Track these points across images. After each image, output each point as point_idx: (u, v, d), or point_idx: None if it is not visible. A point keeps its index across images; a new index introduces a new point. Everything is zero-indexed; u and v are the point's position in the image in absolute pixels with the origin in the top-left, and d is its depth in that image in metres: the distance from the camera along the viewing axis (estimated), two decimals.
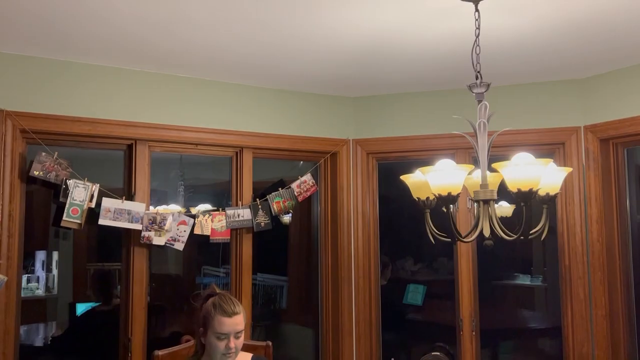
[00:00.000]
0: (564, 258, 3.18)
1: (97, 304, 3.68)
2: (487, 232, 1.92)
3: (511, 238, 1.92)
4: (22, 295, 2.84)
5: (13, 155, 2.64)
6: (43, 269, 4.14)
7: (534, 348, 4.17)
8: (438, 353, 3.40)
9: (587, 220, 3.12)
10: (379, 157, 3.58)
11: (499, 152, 2.47)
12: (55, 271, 4.11)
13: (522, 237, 1.92)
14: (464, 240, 2.00)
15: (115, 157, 3.04)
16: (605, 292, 3.05)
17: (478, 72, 2.06)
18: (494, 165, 1.90)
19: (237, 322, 2.06)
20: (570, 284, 3.15)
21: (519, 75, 3.14)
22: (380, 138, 3.51)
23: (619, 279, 3.08)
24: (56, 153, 2.71)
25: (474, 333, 3.32)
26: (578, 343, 3.11)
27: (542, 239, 1.98)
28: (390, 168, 3.61)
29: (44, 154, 2.68)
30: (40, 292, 4.07)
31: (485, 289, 3.83)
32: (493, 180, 2.02)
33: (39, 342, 3.86)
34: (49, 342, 3.81)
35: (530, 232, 1.94)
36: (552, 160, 1.92)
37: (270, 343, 2.51)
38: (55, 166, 2.69)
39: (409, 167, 2.13)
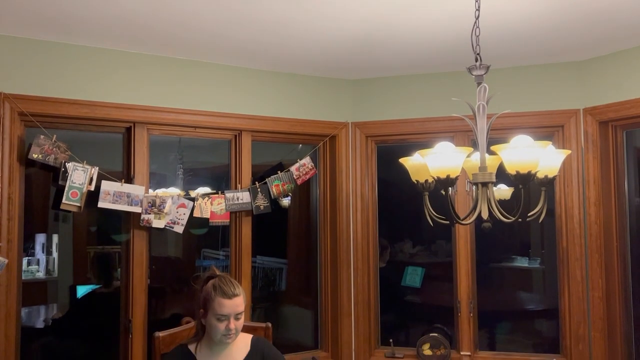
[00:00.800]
0: (562, 240, 3.20)
1: (98, 286, 3.70)
2: (485, 215, 1.93)
3: (509, 220, 1.93)
4: (23, 277, 2.85)
5: (11, 138, 2.64)
6: (43, 252, 4.16)
7: (531, 329, 4.21)
8: (436, 334, 3.44)
9: (585, 203, 3.14)
10: (378, 140, 3.57)
11: (498, 134, 2.47)
12: (55, 254, 4.12)
13: (520, 220, 1.93)
14: (462, 222, 2.01)
15: (114, 140, 3.03)
16: (602, 273, 3.07)
17: (478, 54, 2.05)
18: (492, 147, 1.90)
19: (237, 303, 2.08)
20: (567, 266, 3.17)
21: (518, 58, 3.13)
22: (379, 121, 3.51)
23: (616, 261, 3.10)
24: (55, 136, 2.71)
25: (471, 315, 3.35)
26: (574, 324, 3.14)
27: (539, 221, 1.99)
28: (389, 151, 3.61)
29: (42, 136, 2.67)
30: (41, 274, 4.09)
31: (483, 271, 3.85)
32: (492, 163, 2.02)
33: (40, 324, 3.89)
34: (50, 324, 3.84)
35: (528, 214, 1.95)
36: (550, 142, 1.92)
37: (269, 324, 2.53)
38: (54, 149, 2.69)
39: (408, 150, 2.13)
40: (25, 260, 3.70)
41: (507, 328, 4.21)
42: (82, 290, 3.74)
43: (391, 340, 3.50)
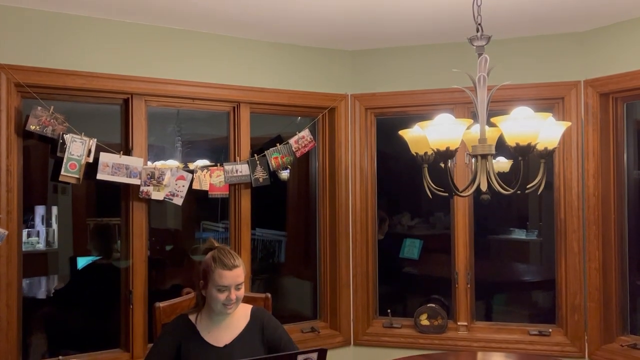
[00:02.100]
0: (560, 212, 3.22)
1: (98, 257, 3.73)
2: (484, 187, 1.94)
3: (508, 192, 1.94)
4: (23, 249, 2.87)
5: (8, 110, 2.62)
6: (43, 224, 4.17)
7: (527, 300, 4.27)
8: (433, 305, 3.48)
9: (584, 175, 3.14)
10: (378, 112, 3.56)
11: (498, 107, 2.46)
12: (55, 226, 4.14)
13: (518, 192, 1.94)
14: (461, 194, 2.02)
15: (112, 112, 3.02)
16: (599, 245, 3.10)
17: (479, 24, 2.03)
18: (492, 119, 1.90)
19: (237, 274, 2.10)
20: (565, 238, 3.19)
21: (520, 28, 3.09)
22: (379, 93, 3.49)
23: (613, 233, 3.12)
24: (52, 107, 2.69)
25: (468, 286, 3.38)
26: (571, 295, 3.17)
27: (538, 193, 2.00)
28: (388, 124, 3.60)
29: (39, 108, 2.65)
30: (41, 246, 4.11)
31: (481, 243, 3.88)
32: (491, 135, 2.01)
33: (41, 294, 3.93)
34: (52, 295, 3.88)
35: (527, 186, 1.95)
36: (551, 114, 1.91)
37: (269, 295, 2.55)
38: (52, 120, 2.68)
39: (407, 123, 2.12)
40: (25, 232, 3.72)
41: (503, 299, 4.27)
42: (82, 262, 3.76)
43: (389, 310, 3.54)
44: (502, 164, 2.69)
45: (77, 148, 2.72)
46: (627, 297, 3.16)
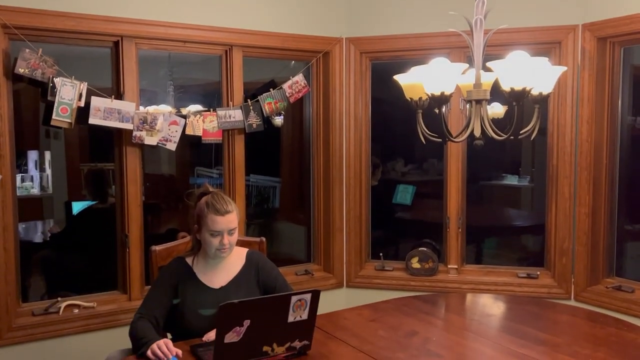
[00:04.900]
0: (552, 158, 3.24)
1: (94, 202, 3.75)
2: (477, 132, 1.94)
3: (501, 138, 1.94)
4: (18, 194, 2.87)
5: None
6: (36, 169, 4.17)
7: (517, 244, 4.36)
8: (424, 248, 3.55)
9: (577, 121, 3.14)
10: (373, 56, 3.50)
11: (494, 51, 2.42)
12: (48, 170, 4.14)
13: (512, 137, 1.94)
14: (455, 140, 2.02)
15: (103, 55, 2.96)
16: (590, 190, 3.13)
17: None
18: (488, 63, 1.88)
19: (230, 220, 2.12)
20: (556, 183, 3.23)
21: None
22: (374, 37, 3.43)
23: (604, 178, 3.15)
24: (40, 50, 2.63)
25: (459, 230, 3.44)
26: (560, 239, 3.24)
27: (531, 139, 2.00)
28: (383, 69, 3.56)
29: (27, 50, 2.60)
30: (36, 191, 4.13)
31: (474, 189, 3.92)
32: (487, 81, 2.00)
33: (38, 238, 3.97)
34: (49, 239, 3.92)
35: (521, 132, 1.95)
36: (547, 59, 1.89)
37: (264, 239, 2.59)
38: (41, 63, 2.63)
39: (402, 67, 2.09)
40: (18, 177, 3.72)
41: (494, 243, 4.36)
42: (77, 207, 3.79)
43: (381, 254, 3.61)
44: (497, 110, 2.68)
45: (68, 92, 2.68)
46: (614, 241, 3.23)
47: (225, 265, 2.23)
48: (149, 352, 1.89)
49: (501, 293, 3.17)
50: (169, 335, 2.24)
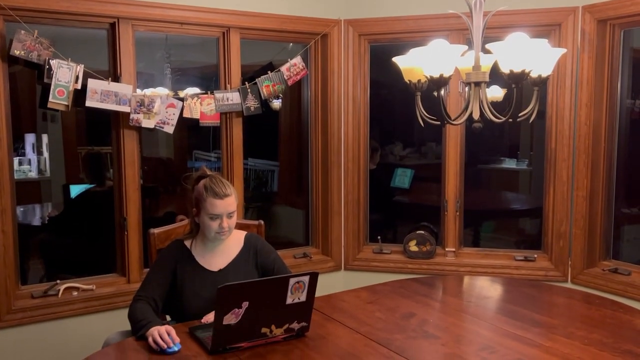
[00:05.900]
0: (551, 141, 3.23)
1: (92, 185, 3.74)
2: (476, 115, 1.93)
3: (500, 120, 1.93)
4: (15, 177, 2.87)
5: None
6: (34, 152, 4.16)
7: (514, 227, 4.38)
8: (422, 232, 3.56)
9: (576, 104, 3.13)
10: (371, 39, 3.48)
11: (493, 33, 2.41)
12: (46, 154, 4.13)
13: (510, 120, 1.94)
14: (453, 122, 2.01)
15: (99, 38, 2.93)
16: (588, 174, 3.14)
17: None
18: (487, 45, 1.87)
19: (228, 203, 2.12)
20: (554, 166, 3.23)
21: None
22: (373, 18, 3.40)
23: (603, 162, 3.16)
24: (36, 31, 2.60)
25: (457, 213, 3.45)
26: (557, 222, 3.25)
27: (530, 121, 1.99)
28: (382, 51, 3.53)
29: (23, 32, 2.57)
30: (33, 174, 4.12)
31: (472, 172, 3.93)
32: (486, 64, 1.99)
33: (36, 221, 3.97)
34: (47, 222, 3.92)
35: (520, 114, 1.95)
36: (547, 40, 1.88)
37: (262, 222, 2.59)
38: (37, 45, 2.60)
39: (401, 50, 2.08)
40: (16, 160, 3.71)
41: (491, 226, 4.38)
42: (75, 190, 3.78)
43: (379, 237, 3.62)
44: (496, 93, 2.67)
45: (64, 74, 2.66)
46: (611, 224, 3.24)
47: (224, 248, 2.24)
48: (149, 339, 1.85)
49: (498, 276, 3.18)
50: (167, 317, 2.26)
